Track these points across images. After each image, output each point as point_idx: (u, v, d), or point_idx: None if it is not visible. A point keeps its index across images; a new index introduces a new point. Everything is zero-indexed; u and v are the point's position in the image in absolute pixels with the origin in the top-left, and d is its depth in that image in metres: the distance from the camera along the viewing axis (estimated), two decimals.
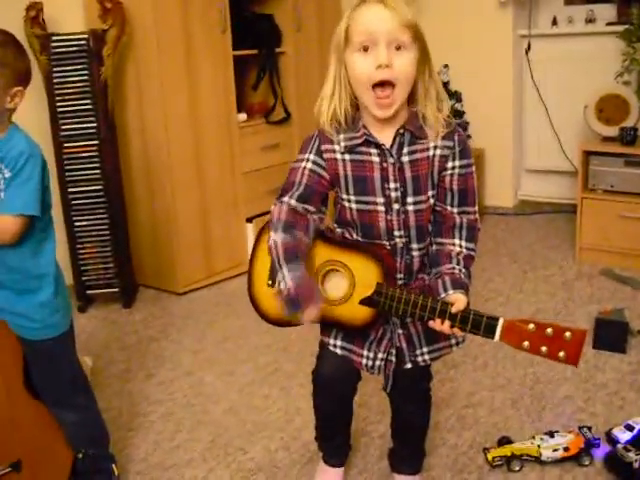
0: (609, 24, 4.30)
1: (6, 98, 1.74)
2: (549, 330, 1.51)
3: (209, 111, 3.65)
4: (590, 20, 4.43)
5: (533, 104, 4.69)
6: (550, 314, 3.19)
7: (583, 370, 2.68)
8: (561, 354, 1.50)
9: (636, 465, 2.03)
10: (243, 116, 3.93)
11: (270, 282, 1.79)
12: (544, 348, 1.51)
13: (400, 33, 1.54)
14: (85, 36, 3.24)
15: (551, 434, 2.19)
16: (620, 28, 4.11)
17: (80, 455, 2.01)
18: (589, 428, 2.22)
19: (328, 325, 1.81)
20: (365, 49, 1.57)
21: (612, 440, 2.20)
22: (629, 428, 2.20)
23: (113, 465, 2.11)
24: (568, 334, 1.50)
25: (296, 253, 1.64)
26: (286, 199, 1.70)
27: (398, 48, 1.56)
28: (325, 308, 1.71)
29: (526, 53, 4.62)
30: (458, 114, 4.56)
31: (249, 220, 3.92)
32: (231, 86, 3.75)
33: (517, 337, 1.53)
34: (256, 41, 3.94)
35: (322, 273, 1.72)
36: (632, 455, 2.05)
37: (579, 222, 3.80)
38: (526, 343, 1.52)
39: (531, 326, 1.52)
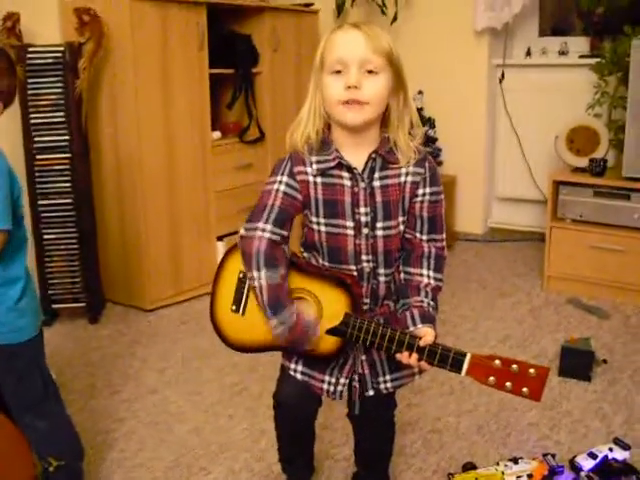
0: (582, 57, 4.39)
1: None
2: (514, 366, 1.55)
3: (183, 128, 3.65)
4: (563, 52, 4.51)
5: (505, 133, 4.76)
6: (517, 341, 3.21)
7: (548, 398, 2.70)
8: (524, 390, 1.55)
9: None
10: (217, 134, 3.93)
11: (234, 307, 1.78)
12: (509, 384, 1.55)
13: (372, 58, 1.57)
14: (61, 48, 3.23)
15: (515, 460, 2.20)
16: (592, 61, 4.19)
17: (51, 468, 1.97)
18: (553, 455, 2.23)
19: (291, 353, 1.80)
20: (337, 72, 1.59)
21: (575, 468, 2.21)
22: (592, 456, 2.22)
23: None
24: (532, 371, 1.54)
25: (282, 297, 1.65)
26: (261, 225, 1.65)
27: (370, 72, 1.58)
28: None
29: (500, 82, 4.69)
30: (431, 140, 4.61)
31: (220, 239, 3.91)
32: (206, 104, 3.76)
33: (483, 372, 1.57)
34: (233, 60, 3.95)
35: None
36: None
37: (548, 251, 3.84)
38: (492, 379, 1.56)
39: (497, 362, 1.55)
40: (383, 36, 1.59)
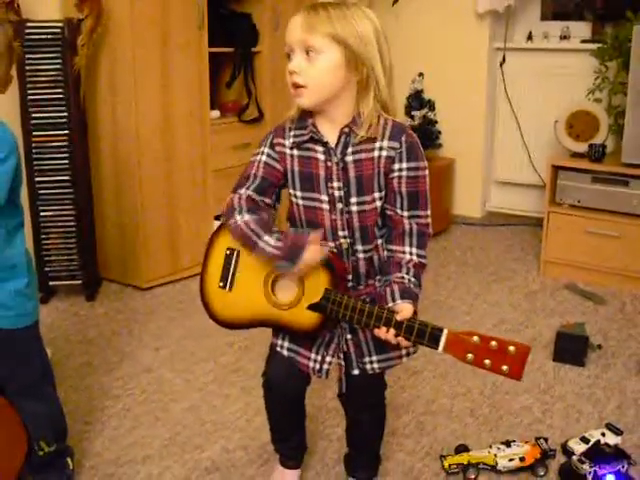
0: (583, 41, 4.37)
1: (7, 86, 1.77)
2: (493, 343, 1.52)
3: (182, 106, 3.63)
4: (565, 36, 4.50)
5: (505, 117, 4.75)
6: (513, 325, 3.22)
7: (542, 382, 2.71)
8: (504, 368, 1.51)
9: (589, 477, 2.05)
10: (216, 113, 3.92)
11: (222, 283, 1.80)
12: (487, 361, 1.52)
13: (309, 39, 1.58)
14: (60, 24, 3.21)
15: (508, 444, 2.21)
16: (594, 46, 4.18)
17: (41, 453, 1.99)
18: (545, 439, 2.25)
19: (277, 329, 1.82)
20: (288, 56, 1.64)
21: (567, 452, 2.23)
22: (584, 440, 2.23)
23: (68, 458, 2.09)
24: (512, 348, 1.50)
25: (270, 226, 1.68)
26: (242, 190, 1.74)
27: (311, 53, 1.59)
28: (273, 312, 1.73)
29: (500, 66, 4.67)
30: (430, 123, 4.59)
31: (217, 218, 3.90)
32: (205, 83, 3.74)
33: (461, 349, 1.54)
34: (232, 39, 3.93)
35: (272, 277, 1.73)
36: (586, 467, 2.07)
37: (545, 235, 3.85)
38: (470, 355, 1.53)
39: (475, 338, 1.53)
40: (329, 16, 1.57)
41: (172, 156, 3.63)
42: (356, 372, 1.81)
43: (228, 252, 1.79)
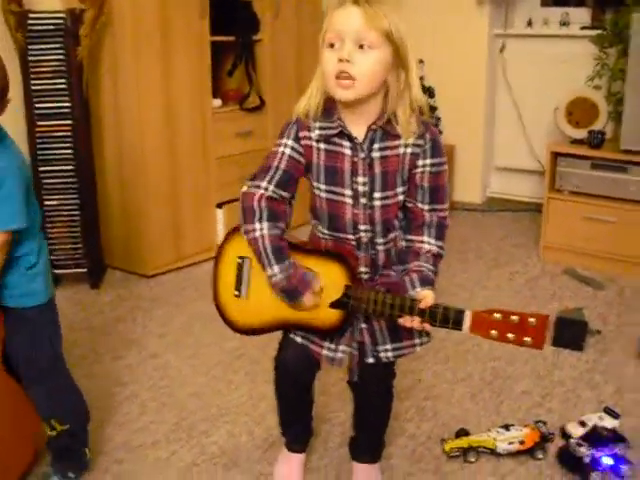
0: (583, 28, 4.38)
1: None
2: (514, 317, 1.58)
3: (184, 95, 3.66)
4: (565, 23, 4.50)
5: (505, 103, 4.77)
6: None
7: (541, 367, 2.76)
8: (527, 339, 1.57)
9: (587, 460, 2.10)
10: (218, 102, 3.94)
11: (237, 292, 1.83)
12: (510, 335, 1.58)
13: (367, 33, 1.58)
14: (62, 15, 3.23)
15: (507, 427, 2.25)
16: (593, 33, 4.20)
17: (54, 432, 2.03)
18: (544, 423, 2.30)
19: (298, 330, 1.84)
20: (332, 45, 1.62)
21: (566, 435, 2.28)
22: (582, 424, 2.28)
23: (86, 449, 2.13)
24: (532, 320, 1.57)
25: (283, 249, 1.70)
26: (264, 184, 1.71)
27: (363, 47, 1.59)
28: (293, 314, 1.77)
29: (500, 52, 4.69)
30: (431, 109, 4.61)
31: (219, 206, 3.94)
32: (207, 71, 3.77)
33: (484, 327, 1.60)
34: (233, 27, 3.95)
35: None
36: (584, 450, 2.12)
37: (544, 221, 3.89)
38: (494, 332, 1.59)
39: (497, 315, 1.59)
40: (384, 14, 1.59)
41: (175, 144, 3.66)
42: (371, 360, 1.84)
43: (240, 261, 1.81)
